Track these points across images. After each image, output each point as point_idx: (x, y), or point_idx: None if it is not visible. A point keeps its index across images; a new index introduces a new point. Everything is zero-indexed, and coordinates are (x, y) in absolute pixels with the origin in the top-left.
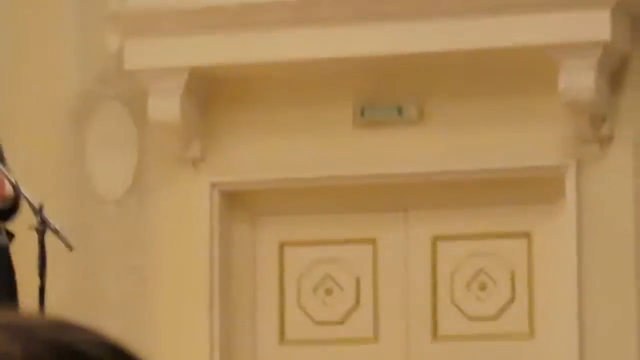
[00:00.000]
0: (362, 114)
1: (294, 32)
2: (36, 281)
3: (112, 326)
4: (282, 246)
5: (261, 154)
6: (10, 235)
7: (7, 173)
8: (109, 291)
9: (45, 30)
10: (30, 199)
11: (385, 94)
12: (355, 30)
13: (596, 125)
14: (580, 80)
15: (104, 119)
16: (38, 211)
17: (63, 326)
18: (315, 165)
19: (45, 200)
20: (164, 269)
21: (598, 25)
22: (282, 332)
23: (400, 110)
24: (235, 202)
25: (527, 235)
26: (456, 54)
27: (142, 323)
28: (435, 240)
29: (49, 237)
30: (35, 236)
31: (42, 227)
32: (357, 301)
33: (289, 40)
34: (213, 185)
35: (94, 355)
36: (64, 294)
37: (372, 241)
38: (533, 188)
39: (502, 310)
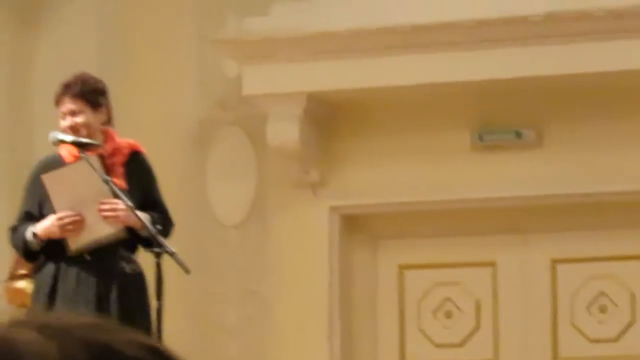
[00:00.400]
0: (481, 138)
1: (411, 57)
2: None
3: (231, 350)
4: (401, 269)
5: (380, 178)
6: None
7: (127, 200)
8: (228, 315)
9: (164, 57)
10: (147, 222)
11: (504, 117)
12: (472, 54)
13: None
14: None
15: (223, 144)
16: (155, 235)
17: (100, 326)
18: (434, 188)
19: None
20: (284, 294)
21: None
22: (402, 355)
23: (518, 134)
24: (355, 226)
25: None
26: (574, 77)
27: (262, 347)
28: (554, 262)
29: (167, 261)
30: (151, 258)
31: (159, 250)
32: (477, 324)
33: (406, 65)
34: (332, 210)
35: (131, 355)
36: (182, 317)
37: (492, 264)
38: None
39: (623, 332)
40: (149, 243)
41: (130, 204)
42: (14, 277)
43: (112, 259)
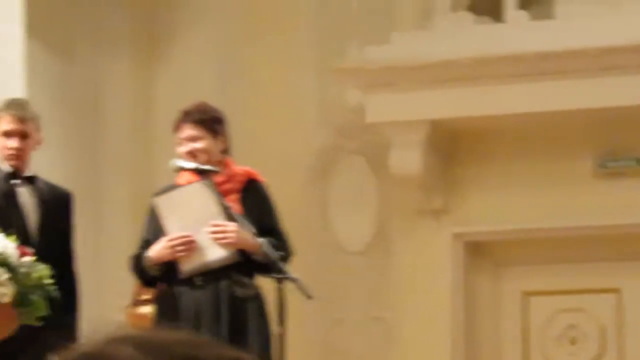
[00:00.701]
0: (603, 165)
1: (534, 85)
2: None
3: None
4: (525, 296)
5: (503, 205)
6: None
7: (249, 225)
8: (352, 342)
9: (285, 87)
10: (266, 248)
11: (626, 145)
12: (596, 81)
13: None
14: None
15: (346, 172)
16: (276, 261)
17: (191, 342)
18: (556, 215)
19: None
20: (407, 320)
21: None
22: None
23: None
24: (478, 252)
25: None
26: None
27: None
28: None
29: (290, 287)
30: (272, 283)
31: (280, 276)
32: (602, 350)
33: (528, 93)
34: (455, 236)
35: None
36: (306, 343)
37: (616, 290)
38: None
39: None
40: (265, 268)
41: (251, 228)
42: (137, 302)
43: (224, 282)
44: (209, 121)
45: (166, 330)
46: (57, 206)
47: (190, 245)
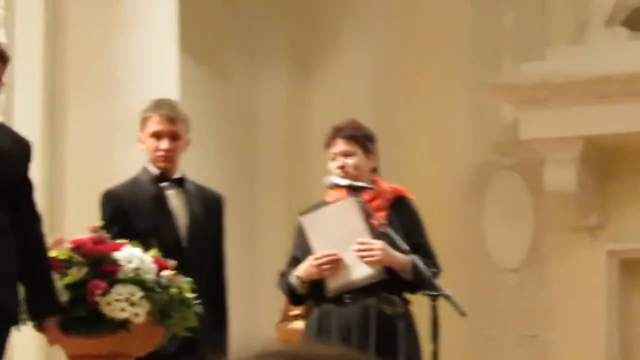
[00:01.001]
0: None
1: None
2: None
3: None
4: None
5: None
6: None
7: (403, 244)
8: (505, 359)
9: (439, 103)
10: (419, 263)
11: None
12: None
13: None
14: None
15: (500, 188)
16: (429, 276)
17: (341, 356)
18: None
19: (443, 267)
20: (562, 338)
21: None
22: None
23: None
24: (634, 270)
25: None
26: None
27: None
28: None
29: (444, 304)
30: (426, 301)
31: (435, 293)
32: None
33: None
34: (610, 254)
35: None
36: (459, 359)
37: None
38: None
39: None
40: (414, 286)
41: (406, 247)
42: (287, 318)
43: (372, 300)
44: (362, 138)
45: (316, 346)
46: (208, 209)
47: (336, 264)
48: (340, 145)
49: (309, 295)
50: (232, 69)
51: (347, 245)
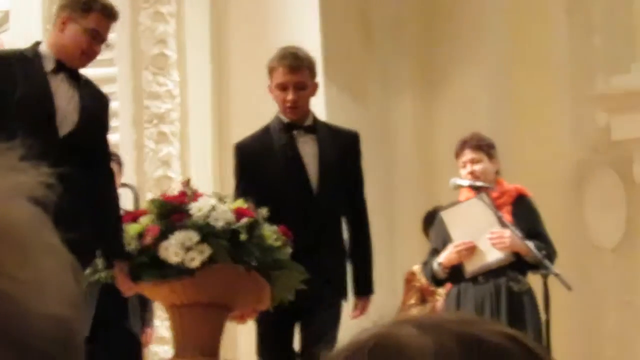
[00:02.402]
0: None
1: None
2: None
3: (609, 352)
4: None
5: None
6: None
7: (515, 230)
8: (606, 323)
9: (545, 111)
10: (532, 249)
11: None
12: None
13: None
14: None
15: (597, 182)
16: (541, 257)
17: (468, 320)
18: None
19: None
20: None
21: None
22: None
23: None
24: None
25: None
26: None
27: (635, 350)
28: None
29: (553, 281)
30: (539, 280)
31: (545, 272)
32: None
33: None
34: None
35: (496, 342)
36: (567, 326)
37: None
38: None
39: None
40: (534, 267)
41: (519, 234)
42: (405, 306)
43: (502, 279)
44: (486, 147)
45: (443, 313)
46: (342, 151)
47: (473, 250)
48: (468, 154)
49: (448, 278)
50: (369, 96)
51: (481, 234)
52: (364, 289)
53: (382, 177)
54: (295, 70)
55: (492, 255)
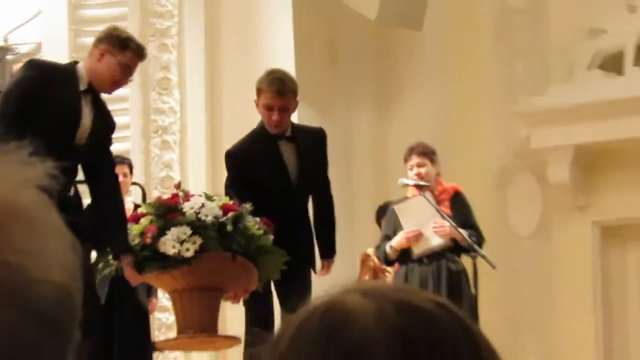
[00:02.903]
0: None
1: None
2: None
3: (526, 320)
4: None
5: (629, 200)
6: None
7: (452, 222)
8: (524, 295)
9: (478, 124)
10: (464, 233)
11: None
12: None
13: None
14: None
15: (518, 182)
16: (471, 242)
17: (403, 289)
18: None
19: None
20: (561, 283)
21: None
22: None
23: None
24: (610, 234)
25: None
26: None
27: (549, 334)
28: None
29: (480, 262)
30: (469, 261)
31: (475, 254)
32: None
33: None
34: (594, 223)
35: (427, 308)
36: (492, 303)
37: None
38: None
39: None
40: (468, 250)
41: (454, 224)
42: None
43: (442, 261)
44: (429, 153)
45: (384, 283)
46: (314, 145)
47: (419, 237)
48: (415, 159)
49: (398, 259)
50: (334, 110)
51: (425, 224)
52: (329, 252)
53: (344, 177)
54: (281, 95)
55: (435, 241)
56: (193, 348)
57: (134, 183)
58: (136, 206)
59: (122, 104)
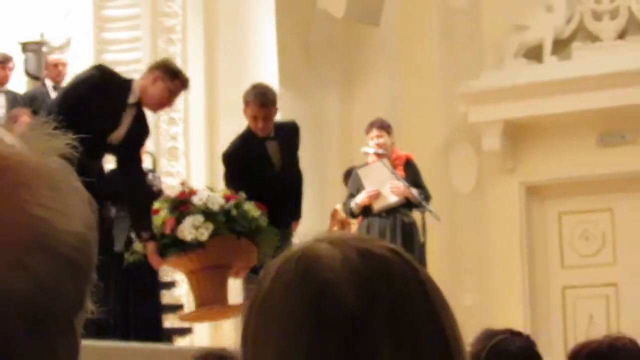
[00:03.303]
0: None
1: (562, 97)
2: (422, 240)
3: (466, 264)
4: (559, 215)
5: (548, 164)
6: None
7: (404, 182)
8: (463, 243)
9: (426, 102)
10: (416, 195)
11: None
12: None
13: None
14: None
15: (457, 150)
16: (420, 200)
17: (363, 238)
18: (572, 169)
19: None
20: (494, 240)
21: None
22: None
23: None
24: (534, 193)
25: None
26: None
27: (484, 275)
28: None
29: (428, 216)
30: (419, 215)
31: (423, 209)
32: (601, 246)
33: (558, 102)
34: (520, 184)
35: (382, 254)
36: (438, 250)
37: (610, 210)
38: None
39: None
40: (417, 206)
41: (407, 184)
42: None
43: (397, 215)
44: (386, 127)
45: (347, 233)
46: (290, 138)
47: (378, 195)
48: (375, 132)
49: (361, 213)
50: (309, 95)
51: (384, 185)
52: (295, 215)
53: (317, 147)
54: (264, 107)
55: (391, 199)
56: (211, 319)
57: (146, 152)
58: (148, 171)
59: None
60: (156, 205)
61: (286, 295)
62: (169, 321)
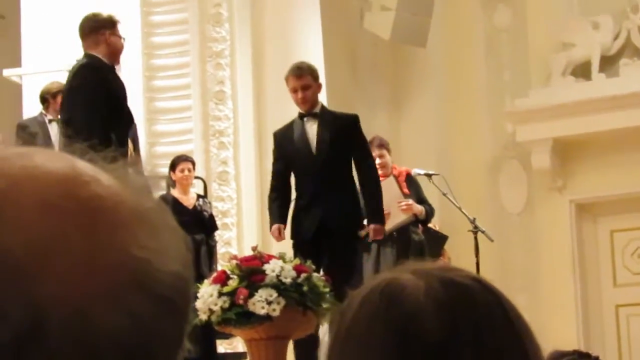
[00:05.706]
0: None
1: (614, 114)
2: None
3: (518, 282)
4: (611, 233)
5: (601, 180)
6: (444, 237)
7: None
8: (514, 262)
9: (474, 121)
10: (467, 214)
11: None
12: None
13: None
14: None
15: (507, 169)
16: (472, 220)
17: (445, 267)
18: (628, 186)
19: (476, 215)
20: (545, 259)
21: None
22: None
23: None
24: (584, 210)
25: None
26: None
27: (536, 294)
28: None
29: (480, 236)
30: (471, 235)
31: (475, 230)
32: None
33: (611, 118)
34: (571, 202)
35: (466, 283)
36: (489, 270)
37: None
38: None
39: None
40: (424, 222)
41: (411, 201)
42: None
43: (408, 233)
44: (385, 144)
45: (428, 262)
46: (342, 129)
47: (388, 215)
48: (376, 151)
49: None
50: (355, 112)
51: (393, 203)
52: (373, 218)
53: None
54: (299, 77)
55: (400, 217)
56: None
57: (196, 177)
58: (199, 196)
59: (186, 112)
60: (226, 268)
61: (371, 325)
62: None
